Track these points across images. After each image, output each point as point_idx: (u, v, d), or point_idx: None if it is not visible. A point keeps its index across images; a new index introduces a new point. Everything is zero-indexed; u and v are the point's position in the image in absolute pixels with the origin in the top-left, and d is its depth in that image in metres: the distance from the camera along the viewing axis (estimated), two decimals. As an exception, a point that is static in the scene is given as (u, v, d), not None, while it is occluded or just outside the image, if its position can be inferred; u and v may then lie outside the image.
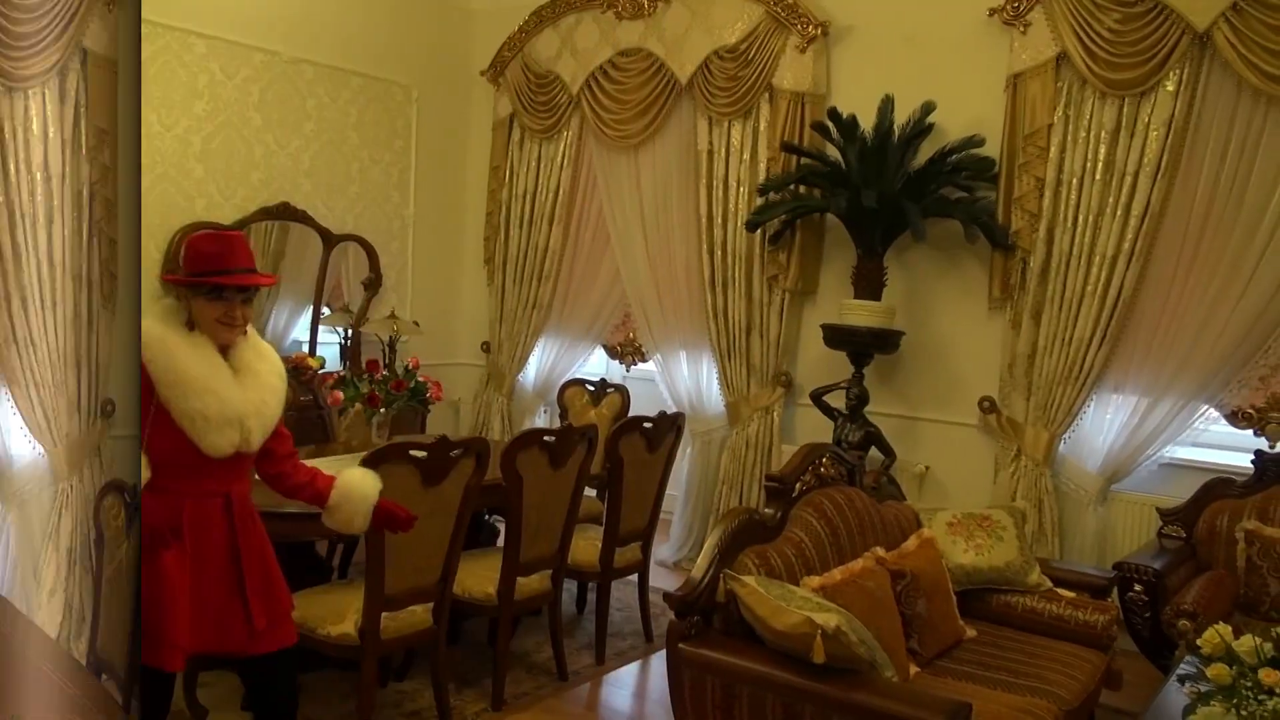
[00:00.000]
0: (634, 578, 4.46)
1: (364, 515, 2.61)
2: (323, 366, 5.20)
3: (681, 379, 5.76)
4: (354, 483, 2.62)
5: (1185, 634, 3.35)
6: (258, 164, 5.45)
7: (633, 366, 6.38)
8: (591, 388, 5.46)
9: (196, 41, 5.11)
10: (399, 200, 6.33)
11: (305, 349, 5.86)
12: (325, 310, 6.08)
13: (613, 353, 6.44)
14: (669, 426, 4.22)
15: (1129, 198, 4.31)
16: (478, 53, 6.53)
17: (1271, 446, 4.22)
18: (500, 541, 3.92)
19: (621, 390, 5.37)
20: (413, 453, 3.09)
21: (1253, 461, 4.15)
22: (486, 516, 4.56)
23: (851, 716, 2.36)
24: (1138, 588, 3.72)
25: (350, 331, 6.09)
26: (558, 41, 6.09)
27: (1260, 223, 4.06)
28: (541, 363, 6.45)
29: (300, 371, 5.14)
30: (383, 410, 3.99)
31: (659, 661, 2.66)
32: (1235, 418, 4.34)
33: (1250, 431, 4.32)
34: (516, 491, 3.54)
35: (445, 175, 6.62)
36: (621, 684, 4.00)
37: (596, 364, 6.54)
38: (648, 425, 4.10)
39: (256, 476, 2.58)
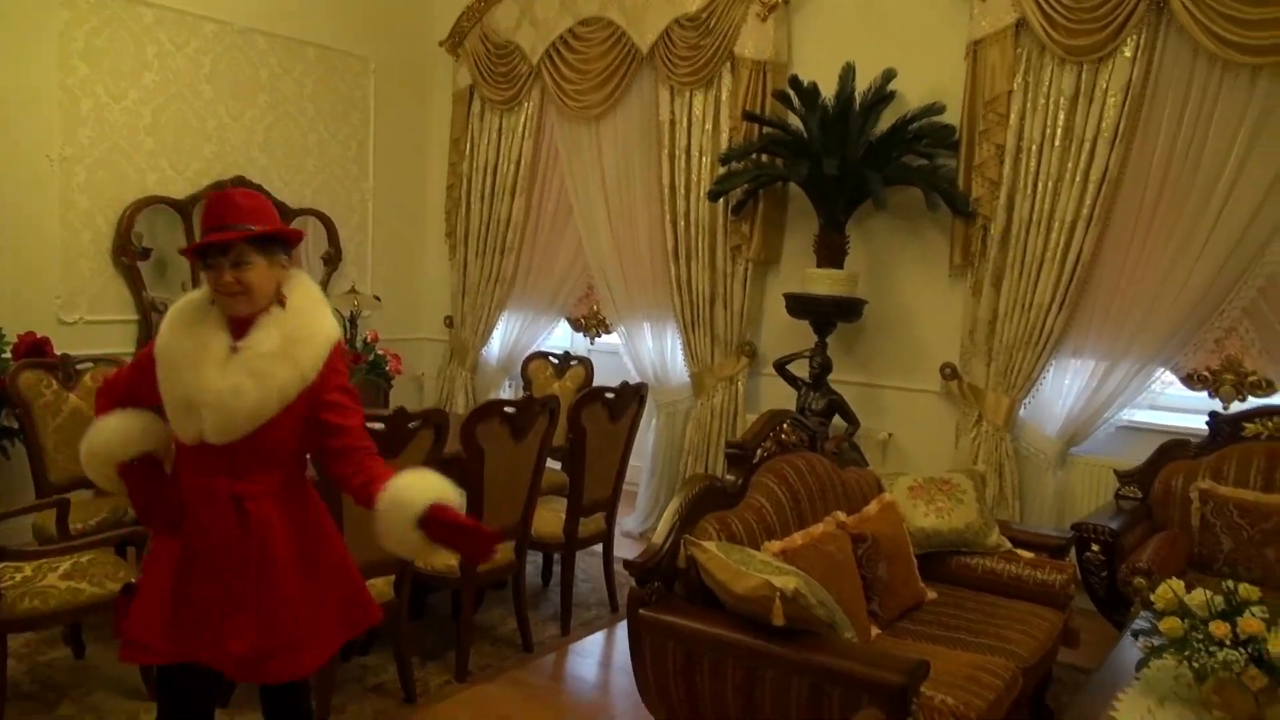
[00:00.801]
0: (599, 548, 4.46)
1: (402, 530, 2.05)
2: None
3: (646, 350, 5.74)
4: (404, 486, 2.06)
5: (1140, 591, 3.39)
6: (210, 137, 5.34)
7: (597, 339, 6.35)
8: (555, 360, 5.44)
9: (144, 11, 4.98)
10: (358, 174, 6.23)
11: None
12: (284, 286, 5.99)
13: (577, 325, 6.41)
14: (631, 397, 4.20)
15: (1088, 163, 4.33)
16: (436, 23, 6.43)
17: (1225, 408, 4.29)
18: (463, 515, 3.89)
19: (585, 362, 5.36)
20: (369, 425, 3.04)
21: (1207, 423, 4.21)
22: (450, 490, 4.53)
23: (811, 677, 2.37)
24: (1095, 548, 3.78)
25: (310, 307, 6.00)
26: (517, 11, 6.01)
27: (1215, 186, 4.09)
28: (505, 336, 6.41)
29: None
30: (341, 384, 3.93)
31: (624, 631, 2.66)
32: (1191, 380, 4.40)
33: (1205, 393, 4.38)
34: (477, 463, 3.51)
35: (405, 148, 6.52)
36: (587, 654, 4.00)
37: (561, 337, 6.50)
38: (610, 395, 4.08)
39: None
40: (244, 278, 2.08)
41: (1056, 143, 4.40)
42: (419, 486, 2.08)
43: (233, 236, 2.07)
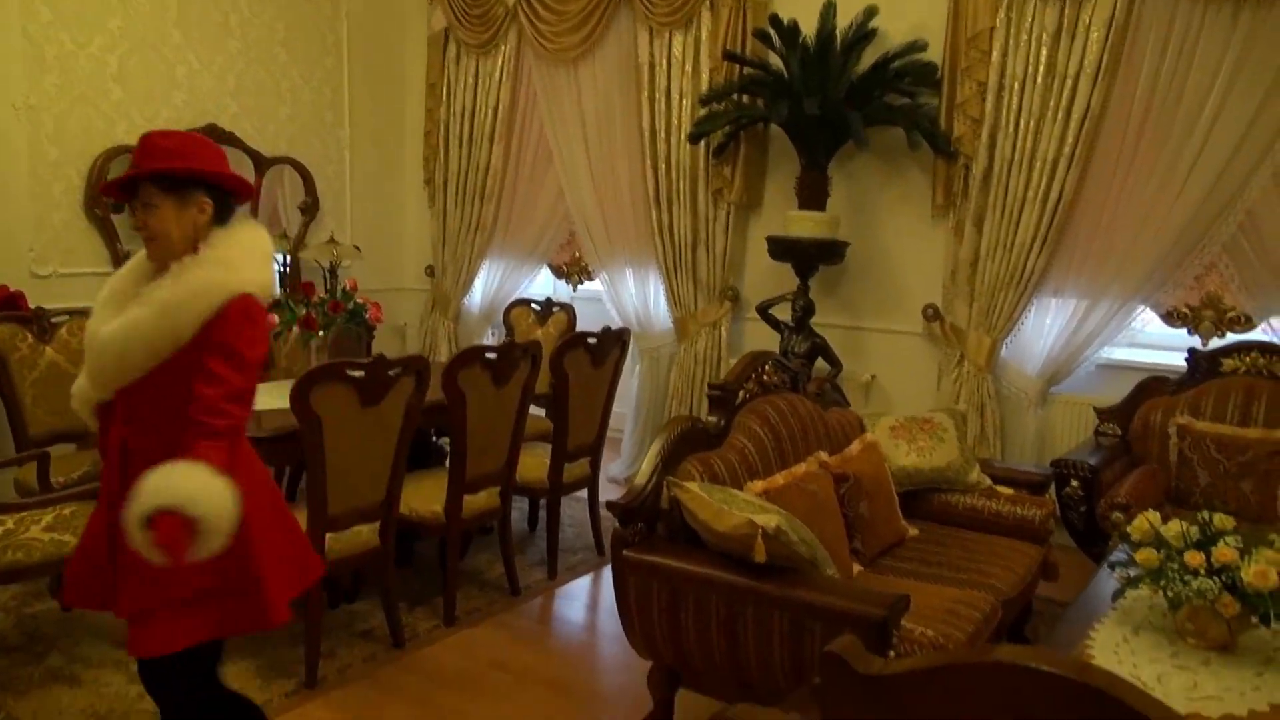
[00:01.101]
0: (584, 494, 4.48)
1: (129, 523, 1.81)
2: (260, 293, 5.07)
3: (628, 296, 5.72)
4: (150, 478, 1.83)
5: (1118, 525, 3.44)
6: (180, 84, 5.23)
7: (579, 286, 6.32)
8: (537, 308, 5.41)
9: (106, -47, 4.84)
10: (333, 120, 6.12)
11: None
12: (262, 237, 5.91)
13: (559, 272, 6.38)
14: (614, 342, 4.20)
15: (1070, 100, 4.30)
16: (409, -36, 6.29)
17: (1204, 344, 4.32)
18: (448, 463, 3.90)
19: (567, 309, 5.34)
20: (349, 372, 3.03)
21: (1186, 359, 4.25)
22: (435, 439, 4.53)
23: (793, 613, 2.39)
24: (1074, 483, 3.82)
25: (289, 258, 5.94)
26: (491, -50, 5.88)
27: (1197, 122, 4.08)
28: (487, 285, 6.37)
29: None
30: (320, 333, 3.91)
31: (610, 573, 2.69)
32: (1170, 317, 4.43)
33: (1185, 330, 4.41)
34: (459, 409, 3.51)
35: (380, 94, 6.41)
36: (574, 597, 4.04)
37: (543, 284, 6.47)
38: (592, 341, 4.07)
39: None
40: (149, 221, 1.99)
41: (1039, 80, 4.36)
42: (158, 485, 1.82)
43: (127, 175, 2.01)
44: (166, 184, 1.99)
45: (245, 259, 2.02)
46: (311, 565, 2.30)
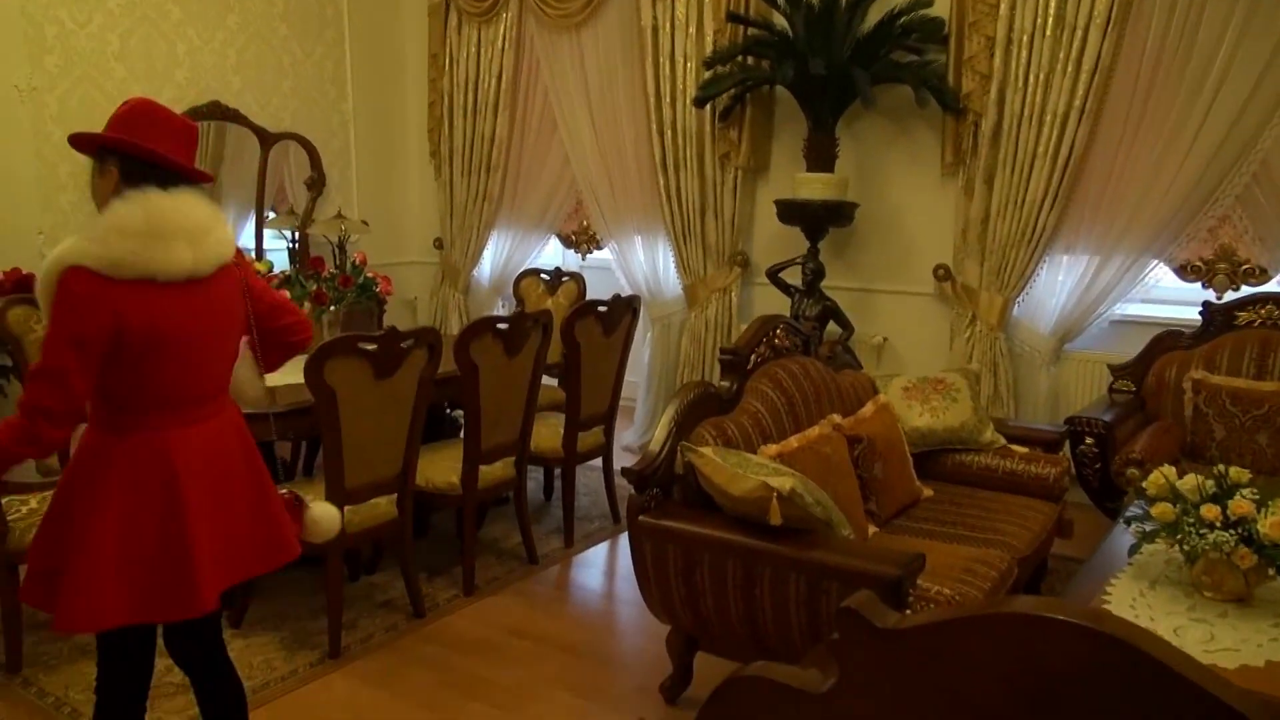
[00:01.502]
0: (599, 463, 4.50)
1: None
2: (270, 271, 5.08)
3: (638, 264, 5.71)
4: None
5: (1133, 481, 3.44)
6: (181, 61, 5.20)
7: (588, 255, 6.30)
8: (547, 277, 5.41)
9: (103, -70, 4.80)
10: (336, 95, 6.09)
11: (252, 255, 5.73)
12: (270, 214, 5.92)
13: (567, 242, 6.36)
14: (624, 309, 4.19)
15: (1079, 53, 4.24)
16: (407, -67, 6.22)
17: (1219, 297, 4.28)
18: (462, 435, 3.91)
19: (577, 278, 5.33)
20: (363, 345, 3.04)
21: (1200, 313, 4.21)
22: (448, 411, 4.55)
23: (809, 573, 2.41)
24: (1088, 440, 3.81)
25: (297, 234, 5.94)
26: (490, -84, 5.80)
27: (1209, 71, 4.02)
28: (496, 256, 6.36)
29: (247, 276, 5.03)
30: (332, 308, 3.92)
31: (626, 541, 2.70)
32: (1184, 271, 4.39)
33: (1198, 284, 4.37)
34: (472, 380, 3.52)
35: (382, 66, 6.37)
36: (591, 564, 4.07)
37: (552, 254, 6.45)
38: (603, 309, 4.07)
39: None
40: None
41: (1048, 32, 4.30)
42: None
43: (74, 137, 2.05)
44: (85, 150, 2.03)
45: (93, 229, 1.92)
46: (185, 600, 2.02)
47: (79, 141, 2.04)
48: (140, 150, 1.97)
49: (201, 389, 2.07)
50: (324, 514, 2.35)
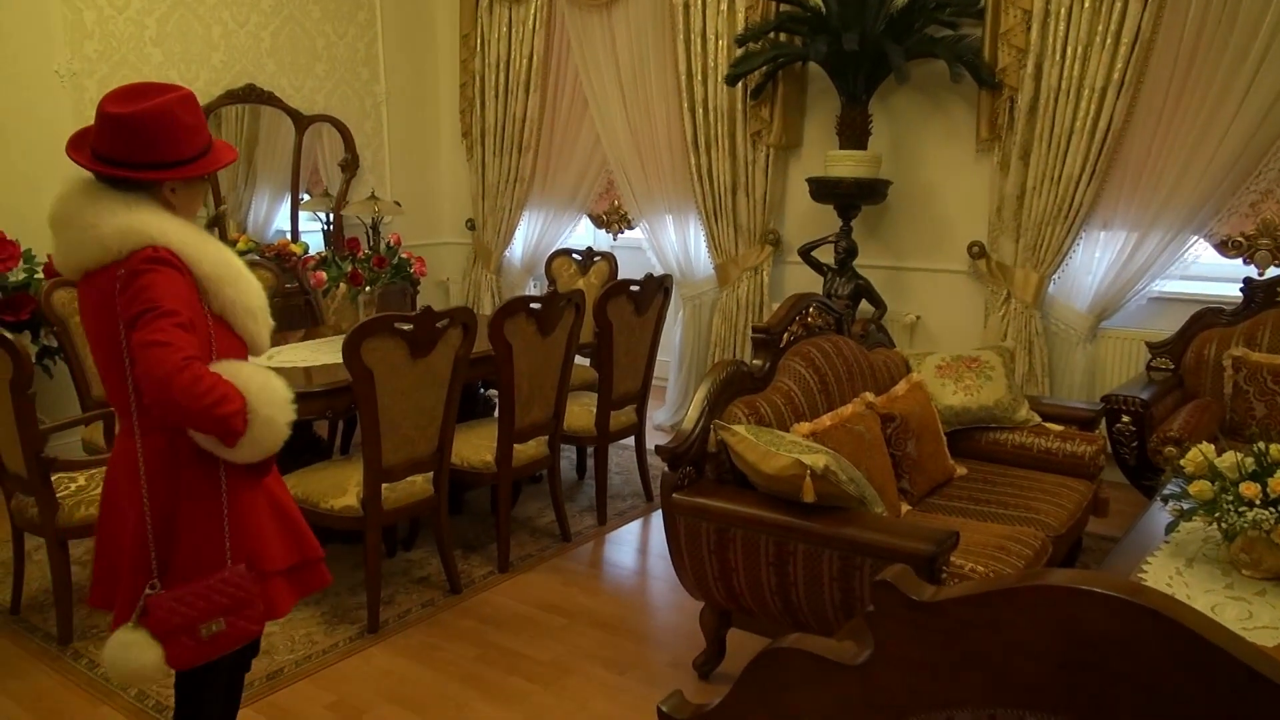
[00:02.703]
0: (631, 442, 4.53)
1: None
2: (305, 252, 5.14)
3: (669, 243, 5.71)
4: None
5: (1171, 460, 3.41)
6: (217, 45, 5.26)
7: (620, 234, 6.31)
8: (578, 257, 5.42)
9: (139, -85, 4.85)
10: (368, 76, 6.13)
11: (288, 237, 5.80)
12: (304, 196, 5.98)
13: (599, 222, 6.37)
14: (656, 288, 4.20)
15: (1119, 25, 4.17)
16: (437, -87, 6.22)
17: (1260, 273, 4.21)
18: (496, 414, 3.96)
19: (609, 257, 5.34)
20: (398, 325, 3.08)
21: (1241, 289, 4.15)
22: (482, 390, 4.60)
23: (842, 550, 2.42)
24: (1125, 418, 3.78)
25: (331, 216, 6.00)
26: (520, -105, 5.79)
27: (1252, 43, 3.93)
28: (528, 237, 6.38)
29: (284, 259, 5.10)
30: (367, 288, 3.96)
31: (659, 519, 2.73)
32: (1225, 247, 4.32)
33: (1239, 260, 4.30)
34: (506, 359, 3.55)
35: (414, 47, 6.40)
36: (623, 541, 4.11)
37: (583, 234, 6.47)
38: (635, 288, 4.08)
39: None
40: None
41: (1086, 4, 4.23)
42: None
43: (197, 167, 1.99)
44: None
45: None
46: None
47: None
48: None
49: (110, 398, 1.93)
50: (115, 654, 1.81)
